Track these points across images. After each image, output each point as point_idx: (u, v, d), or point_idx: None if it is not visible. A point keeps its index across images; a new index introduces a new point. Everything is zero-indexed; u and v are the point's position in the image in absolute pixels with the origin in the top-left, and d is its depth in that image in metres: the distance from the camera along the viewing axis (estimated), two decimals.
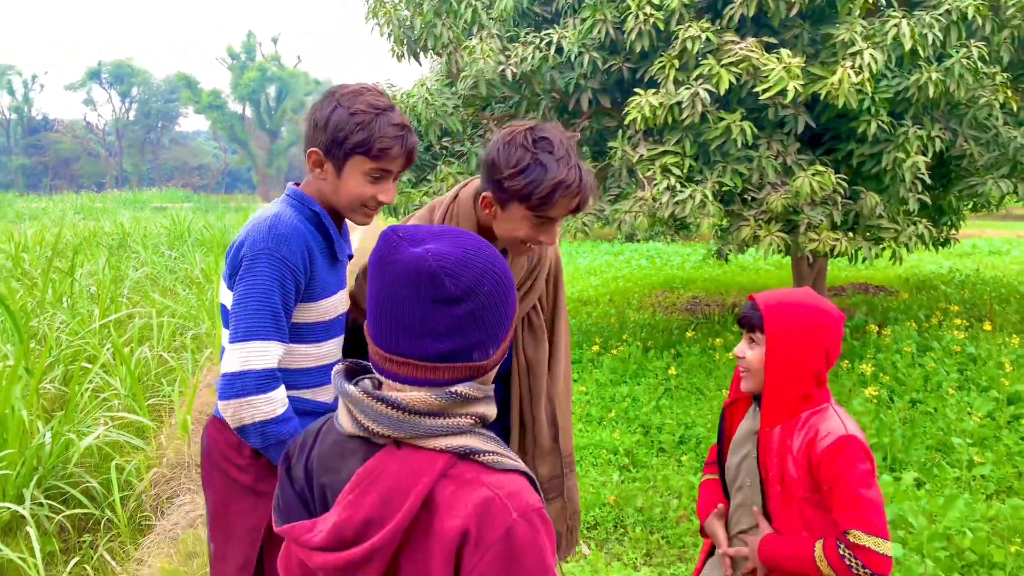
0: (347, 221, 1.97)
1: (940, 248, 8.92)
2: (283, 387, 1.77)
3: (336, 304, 1.92)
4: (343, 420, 1.09)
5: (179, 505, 3.72)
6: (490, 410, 1.10)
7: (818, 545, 1.71)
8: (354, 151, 1.75)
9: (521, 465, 1.07)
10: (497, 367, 1.13)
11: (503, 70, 5.92)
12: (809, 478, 1.74)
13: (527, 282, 2.06)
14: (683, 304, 9.87)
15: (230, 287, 1.79)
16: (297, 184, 1.92)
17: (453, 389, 1.05)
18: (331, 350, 1.95)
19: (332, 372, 1.16)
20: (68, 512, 3.77)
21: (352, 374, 1.16)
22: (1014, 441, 4.42)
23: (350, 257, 2.01)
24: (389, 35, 7.03)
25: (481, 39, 5.98)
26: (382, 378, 1.09)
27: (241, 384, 1.70)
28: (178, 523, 3.51)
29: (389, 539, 1.00)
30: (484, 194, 1.83)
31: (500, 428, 2.11)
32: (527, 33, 6.10)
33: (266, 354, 1.72)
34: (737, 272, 12.90)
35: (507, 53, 6.01)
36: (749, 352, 1.83)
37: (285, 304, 1.76)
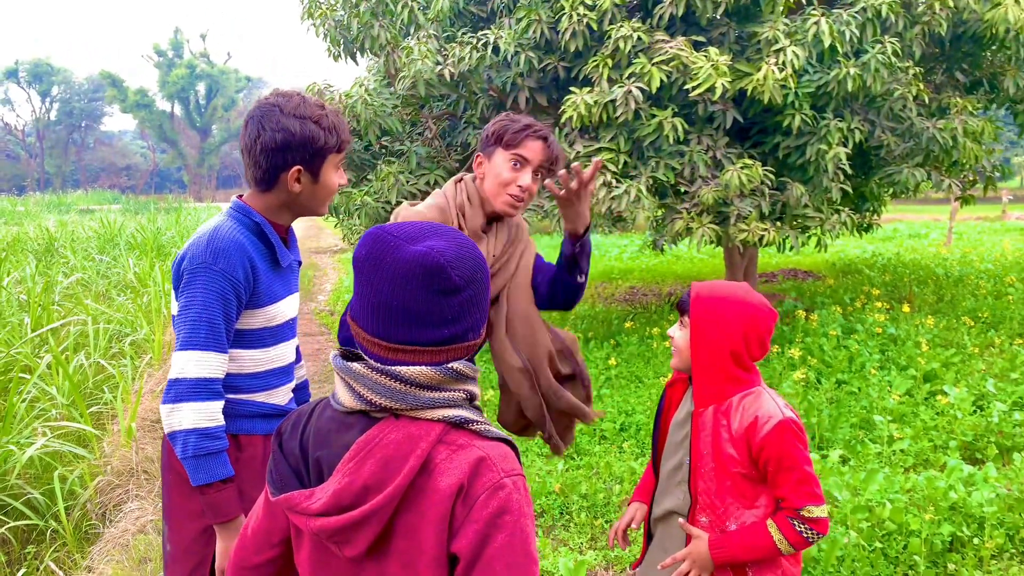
0: (293, 228, 2.04)
1: (864, 233, 9.38)
2: (219, 403, 1.80)
3: (284, 310, 1.98)
4: (343, 396, 1.17)
5: (127, 512, 3.70)
6: (477, 389, 1.22)
7: (773, 528, 1.86)
8: (328, 151, 1.85)
9: (506, 435, 1.20)
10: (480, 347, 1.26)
11: (441, 70, 5.99)
12: (748, 457, 1.87)
13: (503, 256, 2.21)
14: (621, 295, 10.10)
15: (177, 299, 1.86)
16: (240, 197, 1.97)
17: (450, 366, 1.15)
18: (281, 354, 2.00)
19: (330, 356, 1.24)
20: (11, 524, 3.71)
21: (346, 358, 1.24)
22: (930, 416, 4.72)
23: (299, 263, 2.08)
24: (325, 35, 7.02)
25: (419, 40, 6.04)
26: (377, 364, 1.17)
27: (175, 391, 1.76)
28: (128, 529, 3.49)
29: (388, 500, 1.09)
30: (476, 155, 2.18)
31: None
32: (464, 33, 6.18)
33: (200, 363, 1.77)
34: (672, 262, 13.23)
35: (444, 53, 6.08)
36: (678, 333, 1.99)
37: (226, 314, 1.81)
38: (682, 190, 5.86)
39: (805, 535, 1.84)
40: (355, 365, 1.16)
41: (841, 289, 8.94)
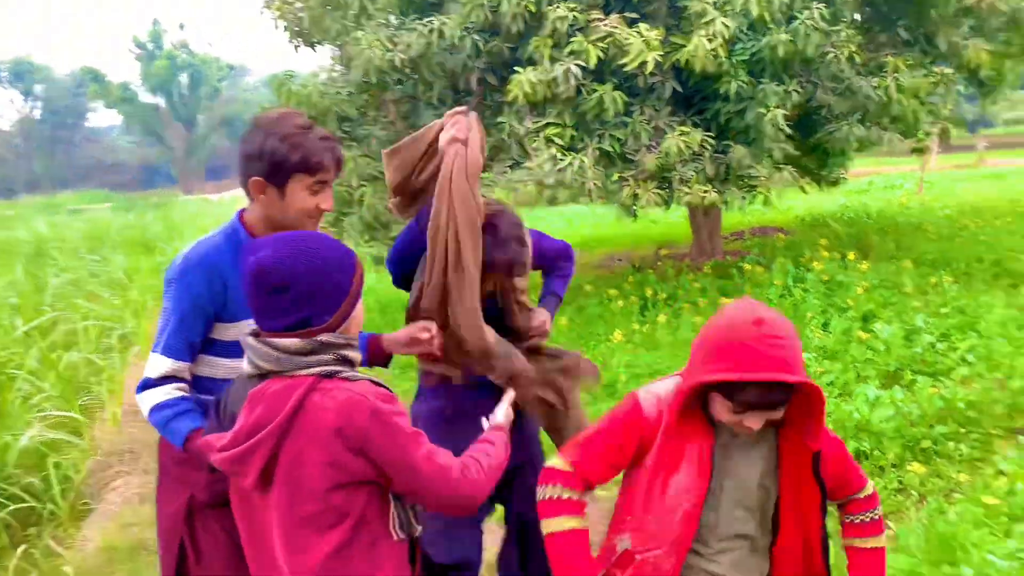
0: None
1: (832, 187, 9.69)
2: (171, 385, 1.98)
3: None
4: (245, 365, 1.53)
5: (115, 487, 4.07)
6: (354, 354, 1.54)
7: (872, 539, 1.74)
8: (294, 170, 1.95)
9: (373, 379, 1.54)
10: (354, 322, 1.57)
11: (392, 56, 6.25)
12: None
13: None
14: (597, 261, 10.43)
15: None
16: (242, 211, 2.11)
17: (317, 338, 1.47)
18: None
19: (241, 340, 1.58)
20: (11, 508, 4.07)
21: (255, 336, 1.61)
22: (860, 352, 5.07)
23: None
24: (285, 27, 7.28)
25: (368, 29, 6.30)
26: (262, 338, 1.54)
27: (140, 385, 2.01)
28: (115, 502, 3.86)
29: (271, 433, 1.43)
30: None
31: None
32: (412, 20, 6.43)
33: (154, 364, 1.98)
34: (648, 226, 13.53)
35: (394, 40, 6.34)
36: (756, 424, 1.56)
37: (192, 324, 1.94)
38: (627, 158, 6.16)
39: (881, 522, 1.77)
40: (250, 339, 1.52)
41: (801, 242, 9.26)
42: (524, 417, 2.38)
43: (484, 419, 1.83)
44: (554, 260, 2.57)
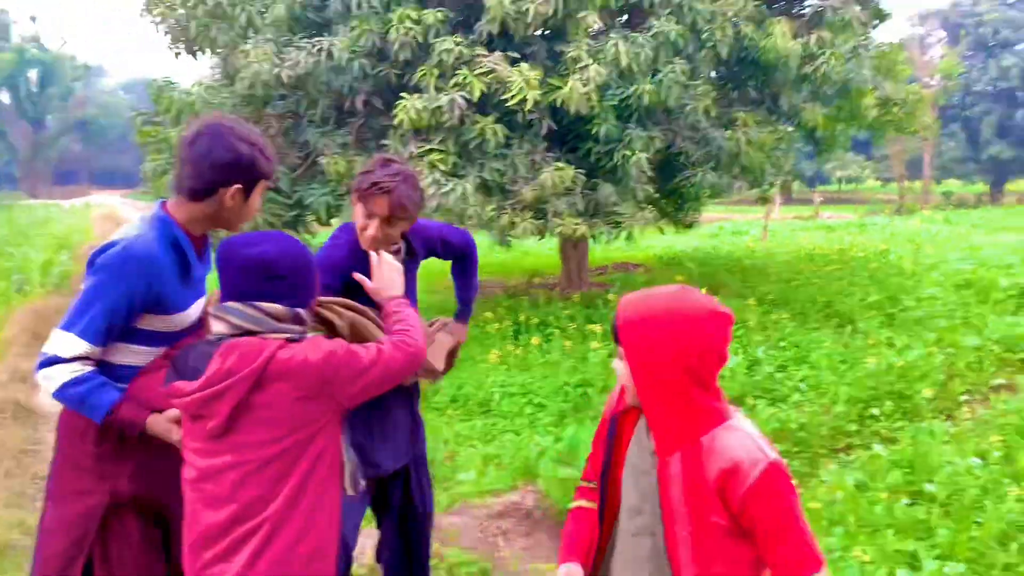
0: (209, 237, 2.24)
1: (687, 229, 10.48)
2: (79, 363, 1.96)
3: (186, 318, 2.15)
4: (218, 327, 1.74)
5: None
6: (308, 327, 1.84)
7: None
8: (261, 178, 2.07)
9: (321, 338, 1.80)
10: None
11: (278, 72, 6.31)
12: (728, 512, 1.50)
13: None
14: None
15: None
16: (163, 206, 2.12)
17: (295, 309, 1.76)
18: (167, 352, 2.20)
19: (214, 309, 1.76)
20: None
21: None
22: None
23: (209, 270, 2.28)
24: (167, 32, 7.15)
25: (256, 43, 6.33)
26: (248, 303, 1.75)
27: (45, 361, 1.96)
28: None
29: (243, 378, 1.63)
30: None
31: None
32: (302, 38, 6.52)
33: (65, 343, 1.95)
34: (521, 257, 13.99)
35: (282, 56, 6.40)
36: (619, 365, 1.60)
37: (119, 314, 1.94)
38: (506, 188, 6.49)
39: None
40: (232, 304, 1.74)
41: (659, 279, 9.94)
42: (418, 417, 2.58)
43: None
44: (459, 255, 2.75)
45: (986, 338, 6.35)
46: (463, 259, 2.78)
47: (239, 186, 2.01)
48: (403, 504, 2.57)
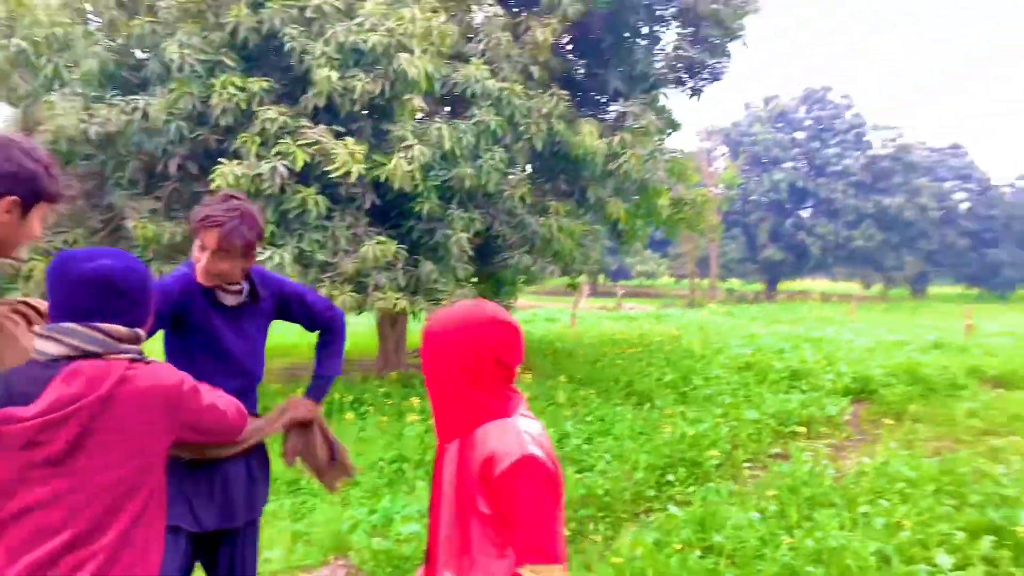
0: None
1: None
2: None
3: None
4: (51, 349, 1.62)
5: None
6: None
7: None
8: (44, 197, 1.90)
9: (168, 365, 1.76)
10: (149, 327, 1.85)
11: (86, 128, 5.98)
12: (487, 499, 1.62)
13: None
14: (278, 373, 10.30)
15: None
16: None
17: (135, 331, 1.69)
18: None
19: (45, 329, 1.63)
20: None
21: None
22: None
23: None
24: None
25: (63, 96, 5.99)
26: (89, 324, 1.66)
27: None
28: None
29: (91, 402, 1.56)
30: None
31: None
32: (113, 95, 6.25)
33: None
34: None
35: (91, 112, 6.09)
36: None
37: None
38: (326, 261, 6.47)
39: None
40: (68, 325, 1.62)
41: None
42: (257, 478, 2.51)
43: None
44: (321, 324, 2.67)
45: (764, 412, 7.10)
46: (327, 332, 2.68)
47: (16, 199, 1.86)
48: (229, 571, 2.46)
